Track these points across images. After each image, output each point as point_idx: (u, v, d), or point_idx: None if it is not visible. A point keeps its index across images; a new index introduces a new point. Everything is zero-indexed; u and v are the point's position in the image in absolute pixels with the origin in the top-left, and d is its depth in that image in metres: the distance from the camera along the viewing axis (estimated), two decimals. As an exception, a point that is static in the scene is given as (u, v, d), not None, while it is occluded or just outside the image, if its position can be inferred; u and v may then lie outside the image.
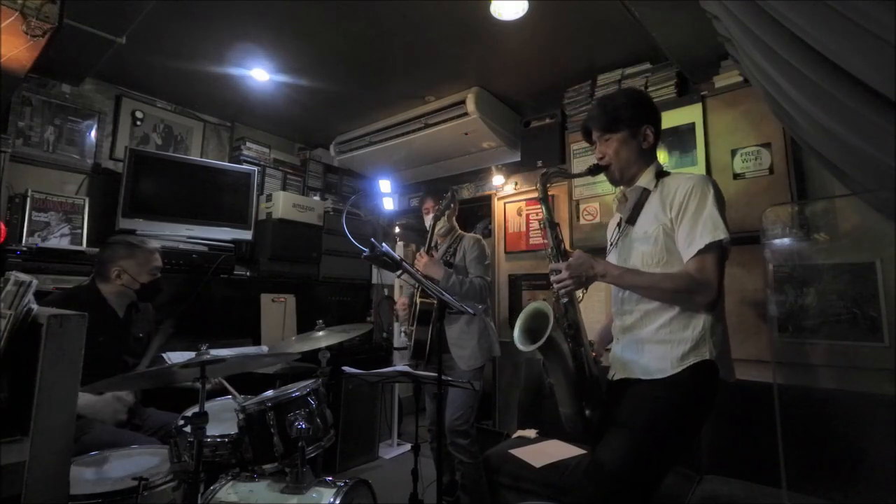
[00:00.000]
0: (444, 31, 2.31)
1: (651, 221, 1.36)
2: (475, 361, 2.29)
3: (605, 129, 1.43)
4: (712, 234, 1.24)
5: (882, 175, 1.21)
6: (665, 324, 1.31)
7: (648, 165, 1.44)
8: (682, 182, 1.34)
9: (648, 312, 1.34)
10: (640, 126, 1.41)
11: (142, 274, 2.00)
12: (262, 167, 3.59)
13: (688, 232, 1.28)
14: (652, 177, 1.41)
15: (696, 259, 1.25)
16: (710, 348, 1.27)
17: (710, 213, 1.26)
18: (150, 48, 2.50)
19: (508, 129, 3.18)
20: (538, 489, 2.06)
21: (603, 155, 1.45)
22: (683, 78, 2.50)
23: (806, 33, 0.92)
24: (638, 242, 1.39)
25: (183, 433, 1.42)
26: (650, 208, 1.38)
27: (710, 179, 1.34)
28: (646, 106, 1.44)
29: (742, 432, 2.01)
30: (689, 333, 1.28)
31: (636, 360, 1.35)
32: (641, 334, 1.35)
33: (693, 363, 1.26)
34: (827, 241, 2.06)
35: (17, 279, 0.98)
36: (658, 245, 1.33)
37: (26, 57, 1.83)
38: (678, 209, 1.31)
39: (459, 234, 2.51)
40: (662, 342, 1.31)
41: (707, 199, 1.28)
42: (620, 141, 1.42)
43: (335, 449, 2.94)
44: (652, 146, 1.43)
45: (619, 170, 1.44)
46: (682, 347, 1.27)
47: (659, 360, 1.30)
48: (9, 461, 0.84)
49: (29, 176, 2.62)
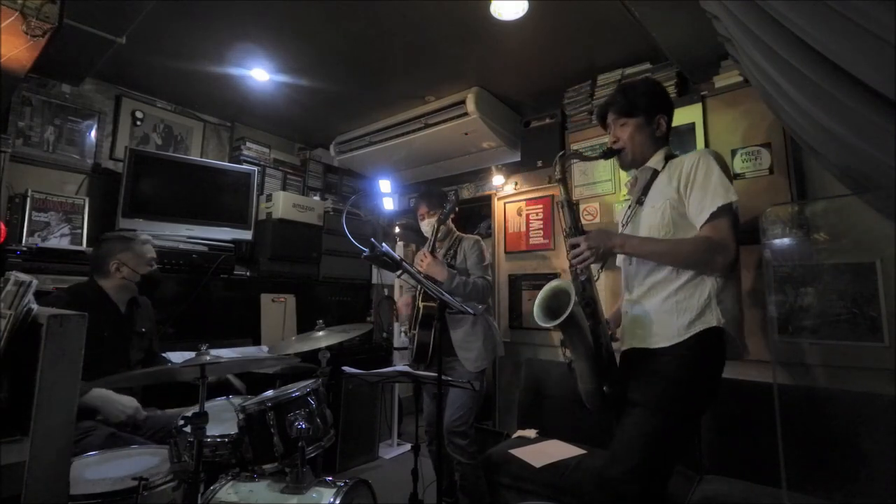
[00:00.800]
0: (444, 31, 2.31)
1: (658, 196, 1.42)
2: (481, 363, 2.30)
3: (623, 114, 1.50)
4: (724, 197, 1.28)
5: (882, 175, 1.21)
6: (672, 293, 1.35)
7: (659, 150, 1.50)
8: (687, 158, 1.41)
9: (655, 284, 1.39)
10: (655, 114, 1.48)
11: (140, 265, 2.02)
12: (262, 167, 3.59)
13: (699, 200, 1.32)
14: (661, 158, 1.48)
15: (711, 223, 1.29)
16: (718, 315, 1.29)
17: (718, 179, 1.30)
18: (150, 48, 2.50)
19: (508, 129, 3.18)
20: (538, 489, 2.06)
21: (617, 139, 1.51)
22: (683, 78, 2.49)
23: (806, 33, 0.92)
24: (646, 216, 1.44)
25: (183, 433, 1.42)
26: (658, 186, 1.44)
27: (714, 151, 1.39)
28: (662, 96, 1.53)
29: (742, 432, 2.01)
30: (694, 301, 1.31)
31: (644, 330, 1.39)
32: (649, 305, 1.39)
33: (699, 331, 1.29)
34: (827, 241, 2.06)
35: (17, 279, 0.98)
36: (665, 219, 1.38)
37: (26, 57, 1.83)
38: (686, 181, 1.36)
39: (458, 235, 2.51)
40: (669, 312, 1.34)
41: (713, 167, 1.33)
42: (636, 126, 1.48)
43: (335, 449, 2.94)
44: (665, 134, 1.51)
45: (631, 153, 1.50)
46: (689, 315, 1.31)
47: (665, 328, 1.33)
48: (9, 461, 0.84)
49: (29, 176, 2.63)
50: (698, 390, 1.31)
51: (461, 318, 2.30)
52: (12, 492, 0.83)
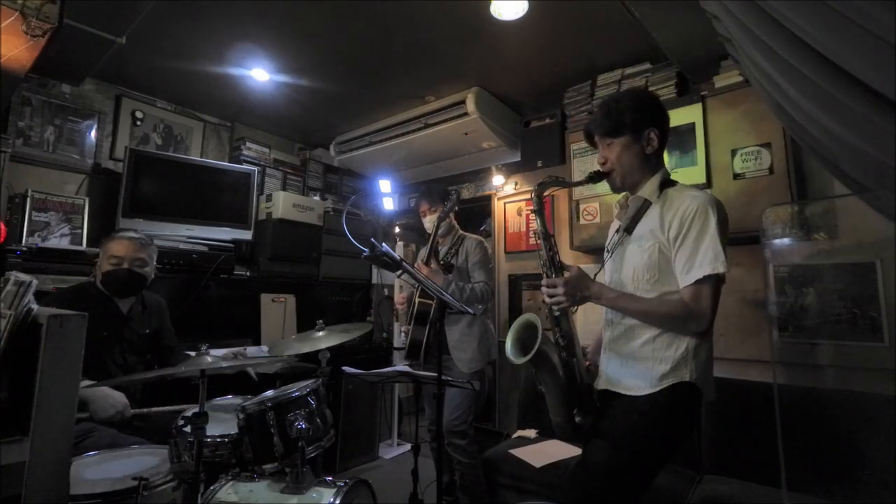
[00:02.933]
0: (444, 31, 2.31)
1: (648, 236, 1.33)
2: (475, 364, 2.29)
3: (608, 134, 1.38)
4: (712, 266, 1.21)
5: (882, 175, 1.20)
6: (648, 341, 1.31)
7: (653, 173, 1.38)
8: (686, 201, 1.29)
9: (633, 328, 1.34)
10: (643, 130, 1.35)
11: (103, 263, 1.98)
12: (262, 167, 3.59)
13: (686, 258, 1.25)
14: (656, 187, 1.36)
15: (693, 288, 1.24)
16: (691, 370, 1.26)
17: (711, 242, 1.23)
18: (150, 48, 2.50)
19: (508, 129, 3.18)
20: (538, 489, 2.06)
21: (605, 160, 1.40)
22: (683, 78, 2.50)
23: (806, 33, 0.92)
24: (631, 254, 1.36)
25: (183, 433, 1.42)
26: (648, 221, 1.34)
27: (716, 201, 1.28)
28: (651, 108, 1.38)
29: (742, 432, 2.01)
30: (671, 353, 1.28)
31: (618, 375, 1.36)
32: (625, 349, 1.35)
33: (671, 384, 1.26)
34: (827, 241, 2.06)
35: (17, 279, 0.98)
36: (651, 261, 1.31)
37: (26, 57, 1.83)
38: (678, 231, 1.27)
39: (461, 234, 2.51)
40: (645, 359, 1.31)
41: (710, 225, 1.24)
42: (623, 146, 1.36)
43: (335, 449, 2.94)
44: (657, 150, 1.38)
45: (620, 176, 1.39)
46: (663, 367, 1.27)
47: (639, 377, 1.30)
48: (9, 461, 0.84)
49: (29, 176, 2.63)
50: (664, 438, 1.29)
51: (457, 318, 2.30)
52: (12, 492, 0.83)
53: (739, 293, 2.26)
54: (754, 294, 2.24)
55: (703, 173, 2.27)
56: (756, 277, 2.24)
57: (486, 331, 2.37)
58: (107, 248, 1.98)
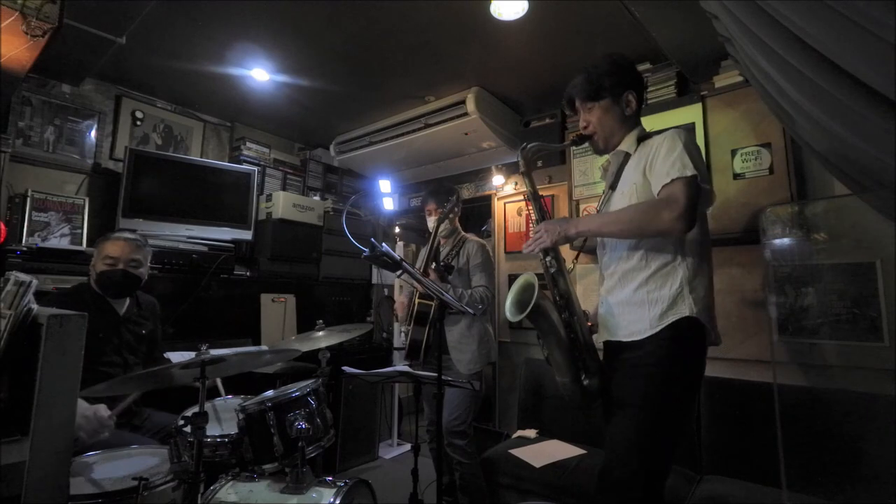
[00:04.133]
0: (444, 31, 2.31)
1: (628, 183, 1.38)
2: (474, 366, 2.29)
3: (589, 98, 1.44)
4: (679, 171, 1.23)
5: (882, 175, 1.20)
6: (642, 283, 1.31)
7: (631, 130, 1.44)
8: (656, 138, 1.35)
9: (626, 273, 1.35)
10: (622, 93, 1.42)
11: (97, 263, 1.97)
12: (262, 167, 3.59)
13: (658, 175, 1.27)
14: (633, 140, 1.42)
15: (664, 189, 1.25)
16: (690, 304, 1.25)
17: (678, 155, 1.25)
18: (150, 48, 2.50)
19: (508, 129, 3.18)
20: (538, 489, 2.06)
21: (587, 124, 1.46)
22: (683, 78, 2.50)
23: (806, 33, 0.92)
24: (615, 204, 1.41)
25: (183, 433, 1.42)
26: (629, 171, 1.40)
27: (684, 131, 1.32)
28: (628, 72, 1.45)
29: (742, 432, 2.01)
30: (665, 292, 1.27)
31: (617, 322, 1.36)
32: (621, 296, 1.36)
33: (672, 321, 1.24)
34: (827, 241, 2.06)
35: (17, 279, 0.98)
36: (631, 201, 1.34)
37: (26, 57, 1.83)
38: (649, 158, 1.31)
39: (462, 236, 2.51)
40: (640, 303, 1.30)
41: (676, 144, 1.27)
42: (603, 108, 1.43)
43: (335, 449, 2.94)
44: (635, 112, 1.45)
45: (603, 139, 1.46)
46: (660, 306, 1.27)
47: (637, 320, 1.30)
48: (9, 461, 0.84)
49: (29, 176, 2.63)
50: (679, 381, 1.26)
51: (457, 319, 2.30)
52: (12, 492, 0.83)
53: (739, 293, 2.26)
54: (754, 294, 2.24)
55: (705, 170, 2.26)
56: (756, 277, 2.24)
57: (485, 332, 2.37)
58: (102, 249, 1.97)
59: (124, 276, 1.97)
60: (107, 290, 1.98)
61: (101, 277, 1.95)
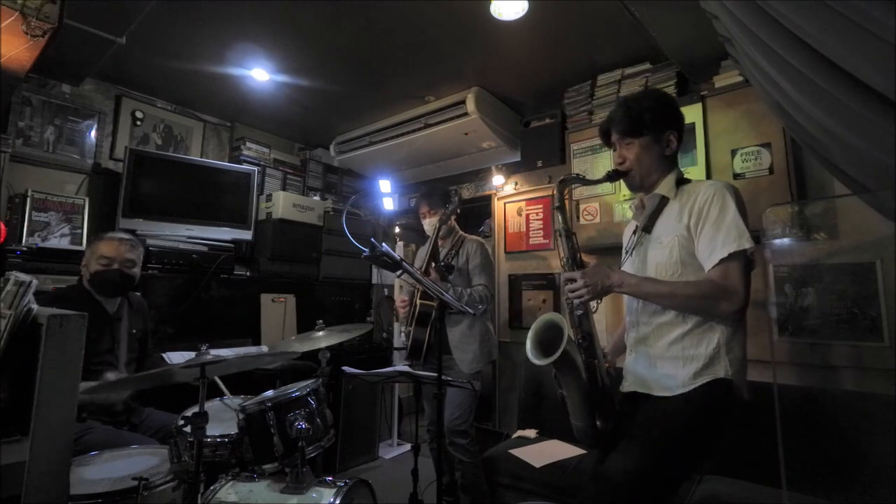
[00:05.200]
0: (444, 31, 2.31)
1: (668, 231, 1.31)
2: (476, 365, 2.30)
3: (628, 133, 1.37)
4: (737, 243, 1.17)
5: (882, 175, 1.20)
6: (678, 339, 1.26)
7: (669, 172, 1.37)
8: (703, 189, 1.28)
9: (661, 326, 1.30)
10: (664, 132, 1.35)
11: (91, 262, 1.96)
12: (262, 167, 3.59)
13: (709, 240, 1.22)
14: (672, 184, 1.35)
15: (720, 267, 1.19)
16: (726, 366, 1.21)
17: (733, 221, 1.20)
18: (150, 48, 2.50)
19: (508, 129, 3.18)
20: (538, 489, 2.06)
21: (623, 160, 1.39)
22: (683, 78, 2.50)
23: (806, 33, 0.92)
24: (653, 252, 1.33)
25: (183, 433, 1.42)
26: (668, 216, 1.33)
27: (732, 186, 1.27)
28: (671, 110, 1.38)
29: (742, 432, 2.00)
30: (702, 350, 1.23)
31: (648, 376, 1.31)
32: (654, 349, 1.31)
33: (706, 381, 1.21)
34: (827, 241, 2.06)
35: (17, 279, 0.98)
36: (673, 256, 1.28)
37: (26, 57, 1.83)
38: (698, 217, 1.25)
39: (461, 235, 2.51)
40: (675, 358, 1.26)
41: (729, 206, 1.22)
42: (643, 146, 1.36)
43: (335, 449, 2.94)
44: (674, 153, 1.38)
45: (640, 176, 1.38)
46: (696, 365, 1.22)
47: (671, 377, 1.25)
48: (9, 461, 0.84)
49: (29, 176, 2.62)
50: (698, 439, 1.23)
51: (458, 318, 2.30)
52: (12, 492, 0.83)
53: (739, 293, 2.25)
54: (754, 294, 2.21)
55: (703, 173, 2.26)
56: (756, 277, 2.23)
57: (486, 331, 2.37)
58: (96, 249, 1.98)
59: (120, 275, 1.97)
60: (102, 289, 1.98)
61: (96, 277, 1.95)
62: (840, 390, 1.89)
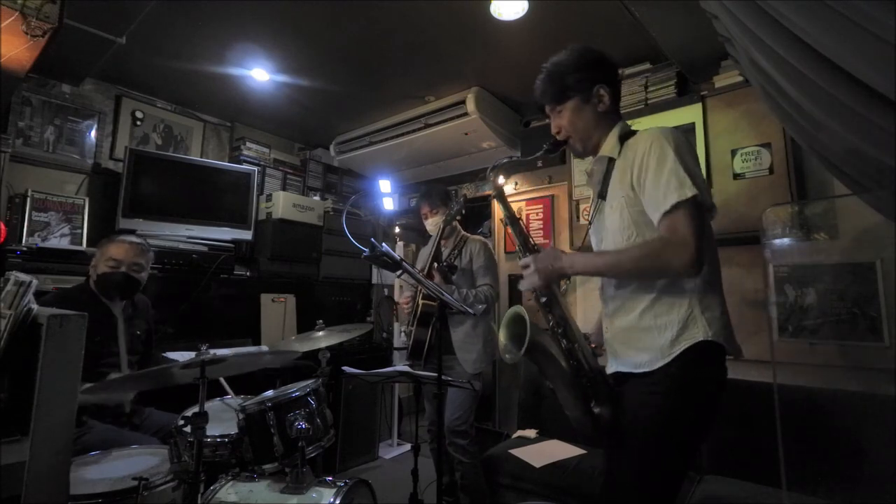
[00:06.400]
0: (444, 31, 2.31)
1: (616, 193, 1.22)
2: (480, 365, 2.30)
3: (555, 100, 1.31)
4: (677, 192, 1.06)
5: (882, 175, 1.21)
6: (647, 308, 1.16)
7: (610, 129, 1.28)
8: (640, 142, 1.18)
9: (628, 298, 1.20)
10: (591, 88, 1.26)
11: (99, 264, 1.96)
12: (262, 167, 3.59)
13: (652, 195, 1.11)
14: (615, 142, 1.26)
15: (665, 220, 1.08)
16: (704, 327, 1.11)
17: (672, 169, 1.09)
18: (150, 48, 2.50)
19: (508, 129, 3.18)
20: (538, 489, 2.06)
21: (559, 129, 1.32)
22: (683, 78, 2.50)
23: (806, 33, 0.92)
24: (608, 220, 1.25)
25: (183, 433, 1.42)
26: (615, 178, 1.24)
27: (669, 130, 1.16)
28: (594, 65, 1.29)
29: (742, 432, 2.00)
30: (674, 316, 1.13)
31: (624, 352, 1.22)
32: (625, 322, 1.21)
33: (685, 347, 1.10)
34: (827, 241, 2.05)
35: (17, 279, 0.98)
36: (624, 219, 1.19)
37: (26, 57, 1.83)
38: (639, 171, 1.15)
39: (463, 235, 2.51)
40: (647, 329, 1.15)
41: (667, 154, 1.10)
42: (573, 110, 1.28)
43: (335, 449, 2.94)
44: (611, 107, 1.28)
45: (580, 141, 1.31)
46: (670, 332, 1.12)
47: (647, 349, 1.15)
48: (9, 461, 0.84)
49: (29, 176, 2.63)
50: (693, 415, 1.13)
51: (462, 319, 2.30)
52: (12, 492, 0.83)
53: (739, 293, 2.26)
54: (754, 294, 2.24)
55: (703, 173, 2.26)
56: (756, 277, 2.23)
57: (490, 331, 2.37)
58: (105, 250, 1.98)
59: (126, 278, 1.97)
60: (107, 291, 1.98)
61: (102, 278, 1.95)
62: (840, 390, 1.89)
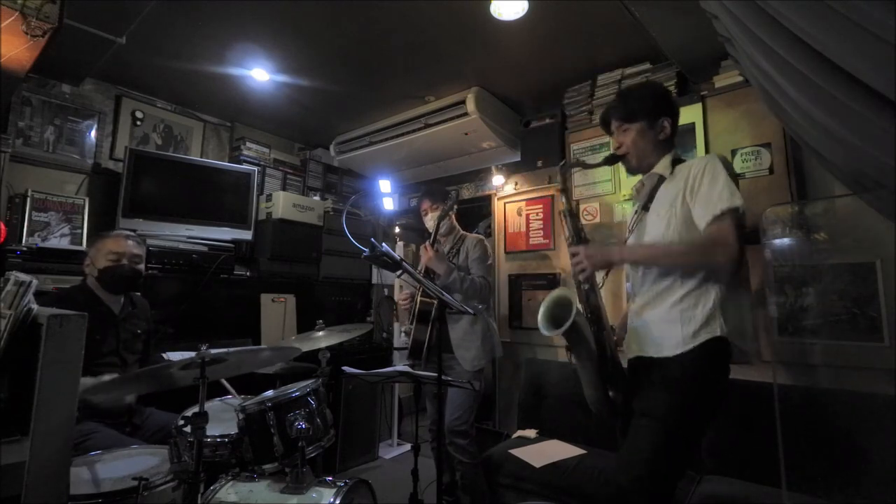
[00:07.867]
0: (444, 31, 2.31)
1: (665, 204, 1.41)
2: (479, 362, 2.30)
3: (624, 119, 1.50)
4: (728, 201, 1.27)
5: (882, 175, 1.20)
6: (676, 302, 1.35)
7: (665, 154, 1.49)
8: (694, 163, 1.40)
9: (661, 292, 1.39)
10: (657, 118, 1.47)
11: (99, 259, 1.96)
12: (262, 167, 3.59)
13: (703, 205, 1.31)
14: (668, 164, 1.47)
15: (714, 223, 1.28)
16: (721, 324, 1.30)
17: (724, 183, 1.29)
18: (150, 48, 2.50)
19: (508, 129, 3.18)
20: (538, 489, 2.06)
21: (620, 144, 1.52)
22: (683, 78, 2.49)
23: (806, 33, 0.92)
24: (651, 227, 1.44)
25: (183, 433, 1.42)
26: (664, 193, 1.43)
27: (723, 157, 1.38)
28: (664, 99, 1.51)
29: (742, 432, 2.01)
30: (699, 311, 1.31)
31: (649, 339, 1.39)
32: (654, 314, 1.40)
33: (704, 340, 1.29)
34: (827, 241, 2.05)
35: (17, 279, 0.98)
36: (670, 227, 1.37)
37: (26, 57, 1.83)
38: (692, 187, 1.35)
39: (462, 234, 2.51)
40: (674, 321, 1.34)
41: (719, 172, 1.31)
42: (638, 131, 1.48)
43: (335, 449, 2.94)
44: (669, 137, 1.49)
45: (636, 158, 1.50)
46: (693, 325, 1.31)
47: (670, 337, 1.33)
48: (9, 461, 0.84)
49: (29, 176, 2.62)
50: (704, 399, 1.31)
51: (460, 317, 2.30)
52: (12, 492, 0.83)
53: (739, 293, 2.26)
54: (755, 294, 2.24)
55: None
56: (756, 277, 2.23)
57: (488, 328, 2.37)
58: (103, 246, 1.98)
59: (133, 271, 1.99)
60: (114, 285, 1.98)
61: (107, 273, 1.95)
62: (840, 390, 1.89)
